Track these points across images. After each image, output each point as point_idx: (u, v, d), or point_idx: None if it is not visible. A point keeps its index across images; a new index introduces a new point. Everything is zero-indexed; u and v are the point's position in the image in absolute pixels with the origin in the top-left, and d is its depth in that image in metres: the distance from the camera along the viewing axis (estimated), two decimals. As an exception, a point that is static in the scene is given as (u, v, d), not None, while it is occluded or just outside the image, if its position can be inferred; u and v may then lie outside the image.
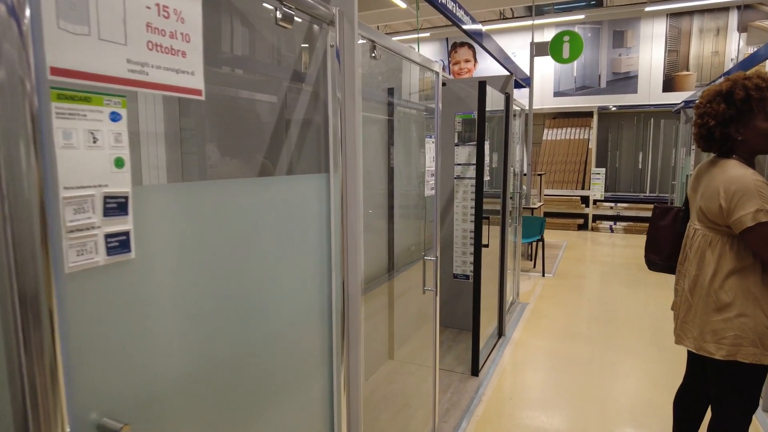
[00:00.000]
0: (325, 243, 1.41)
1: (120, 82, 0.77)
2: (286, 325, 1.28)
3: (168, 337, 0.92)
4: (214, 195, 1.04)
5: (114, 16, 0.75)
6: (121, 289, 0.81)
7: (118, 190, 0.78)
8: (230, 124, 1.56)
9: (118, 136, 0.77)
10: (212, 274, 1.03)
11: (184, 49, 0.88)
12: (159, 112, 1.30)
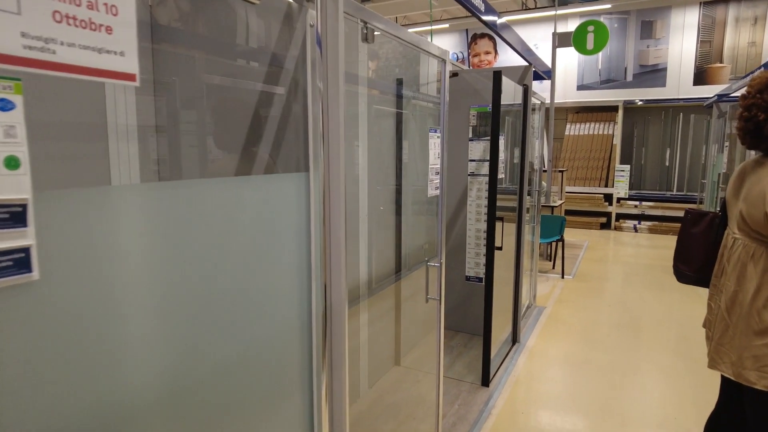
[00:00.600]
0: (305, 247, 1.25)
1: (10, 62, 0.61)
2: (261, 336, 1.13)
3: (111, 354, 0.77)
4: (180, 196, 0.89)
5: (-1, -23, 0.59)
6: (20, 317, 0.66)
7: (10, 198, 0.63)
8: (198, 116, 1.40)
9: (8, 129, 0.62)
10: (179, 280, 0.89)
11: (109, 24, 0.72)
12: (130, 102, 1.15)
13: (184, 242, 0.92)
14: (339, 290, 1.28)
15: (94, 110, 1.13)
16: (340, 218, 1.25)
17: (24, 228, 0.65)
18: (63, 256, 0.71)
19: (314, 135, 1.20)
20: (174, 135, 1.34)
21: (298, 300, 1.25)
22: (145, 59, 1.31)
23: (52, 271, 0.69)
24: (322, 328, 1.28)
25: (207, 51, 1.42)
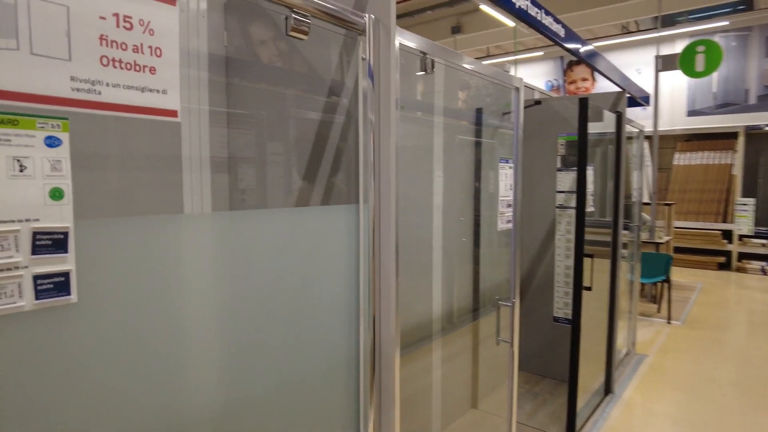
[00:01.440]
0: (354, 279, 1.23)
1: (60, 103, 0.67)
2: (309, 365, 1.12)
3: (123, 379, 0.80)
4: (244, 225, 0.93)
5: (52, 28, 0.66)
6: (58, 337, 0.70)
7: (53, 226, 0.68)
8: (262, 148, 1.46)
9: (56, 163, 0.68)
10: (236, 305, 0.92)
11: (153, 64, 0.77)
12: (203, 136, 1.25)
13: (244, 269, 0.96)
14: (389, 325, 1.23)
15: (171, 144, 1.22)
16: (390, 251, 1.21)
17: (65, 254, 0.70)
18: (137, 278, 0.75)
19: (365, 167, 1.19)
20: (242, 166, 1.41)
21: (347, 332, 1.22)
22: (219, 93, 1.41)
23: (121, 291, 0.74)
24: (370, 363, 1.24)
25: (270, 84, 1.49)
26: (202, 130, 1.33)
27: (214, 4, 1.42)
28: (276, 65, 1.50)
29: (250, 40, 1.50)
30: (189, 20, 1.36)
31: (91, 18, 0.70)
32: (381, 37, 1.15)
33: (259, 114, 1.46)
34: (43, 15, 0.65)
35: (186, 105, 1.32)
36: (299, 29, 1.00)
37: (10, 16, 0.62)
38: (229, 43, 1.45)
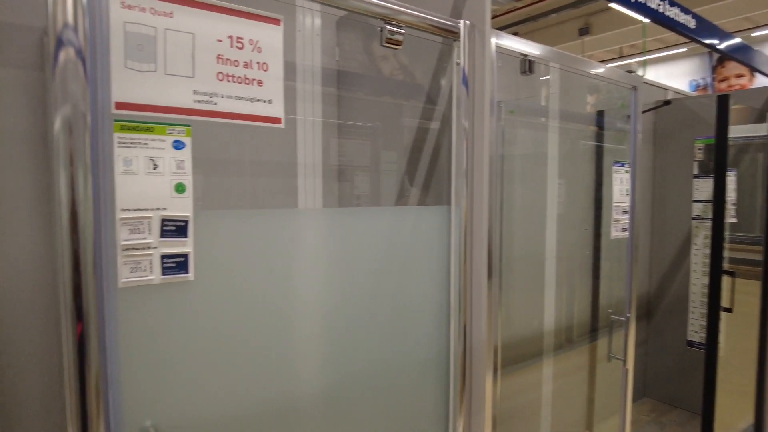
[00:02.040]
0: (444, 283, 1.25)
1: (185, 113, 0.81)
2: (398, 360, 1.17)
3: (233, 358, 0.92)
4: (348, 220, 1.04)
5: (181, 52, 0.80)
6: (177, 308, 0.84)
7: (177, 214, 0.82)
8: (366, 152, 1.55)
9: (180, 162, 0.82)
10: (333, 293, 1.04)
11: (260, 78, 0.89)
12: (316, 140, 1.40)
13: (345, 259, 1.07)
14: (480, 333, 1.23)
15: (289, 151, 1.38)
16: (482, 256, 1.22)
17: (185, 238, 0.83)
18: (258, 261, 0.89)
19: (457, 171, 1.21)
20: (348, 169, 1.53)
21: (437, 335, 1.25)
22: (331, 105, 1.55)
23: (246, 273, 0.87)
24: (460, 370, 1.25)
25: (374, 93, 1.59)
26: (315, 138, 1.46)
27: (327, 23, 1.56)
28: (379, 75, 1.59)
29: (358, 54, 1.61)
30: (305, 39, 1.51)
31: (210, 41, 0.83)
32: (476, 42, 1.18)
33: (363, 121, 1.56)
34: (174, 42, 0.80)
35: (302, 117, 1.47)
36: (393, 40, 1.07)
37: (151, 45, 0.78)
38: (341, 57, 1.58)
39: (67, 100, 0.70)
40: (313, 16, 1.51)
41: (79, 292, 0.72)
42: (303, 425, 1.04)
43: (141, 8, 0.77)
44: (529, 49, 1.34)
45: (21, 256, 1.00)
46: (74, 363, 0.73)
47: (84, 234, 0.72)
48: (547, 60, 1.41)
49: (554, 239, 2.39)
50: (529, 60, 1.36)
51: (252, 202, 1.35)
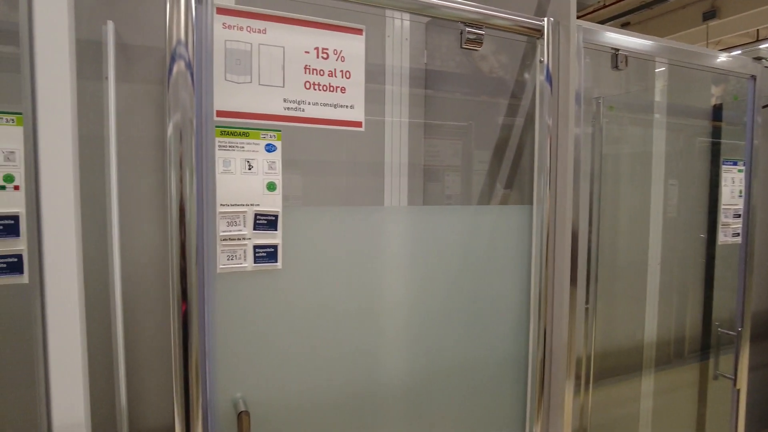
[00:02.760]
0: (525, 285, 1.24)
1: (276, 119, 0.91)
2: (475, 357, 1.19)
3: (316, 343, 1.00)
4: (431, 218, 1.09)
5: (273, 64, 0.90)
6: (266, 293, 0.94)
7: (268, 209, 0.92)
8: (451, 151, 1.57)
9: (272, 164, 0.91)
10: (414, 286, 1.09)
11: (343, 85, 0.96)
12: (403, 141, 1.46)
13: (427, 255, 1.11)
14: (560, 339, 1.20)
15: (376, 151, 1.45)
16: (566, 259, 1.18)
17: (275, 231, 0.93)
18: (340, 254, 0.98)
19: (540, 170, 1.19)
20: (433, 168, 1.57)
21: (516, 336, 1.24)
22: (418, 106, 1.59)
23: (329, 264, 0.96)
24: (539, 375, 1.23)
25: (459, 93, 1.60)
26: (402, 138, 1.52)
27: (416, 27, 1.60)
28: (464, 75, 1.60)
29: (444, 54, 1.64)
30: (394, 43, 1.57)
31: (298, 53, 0.92)
32: (560, 38, 1.15)
33: (448, 120, 1.58)
34: (267, 56, 0.89)
35: (389, 118, 1.53)
36: (474, 41, 1.08)
37: (247, 59, 0.88)
38: (428, 59, 1.62)
39: (177, 108, 0.82)
40: (402, 21, 1.57)
41: (185, 276, 0.84)
42: (379, 415, 1.09)
43: (239, 27, 0.87)
44: (622, 42, 1.27)
45: (144, 245, 1.17)
46: (179, 337, 0.85)
47: (189, 226, 0.84)
48: (646, 52, 1.33)
49: (658, 245, 2.21)
50: (622, 54, 1.29)
51: (339, 199, 1.44)
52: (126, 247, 1.15)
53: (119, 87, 1.19)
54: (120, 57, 1.20)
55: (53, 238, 0.76)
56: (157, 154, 1.22)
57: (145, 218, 1.19)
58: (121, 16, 1.20)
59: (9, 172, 0.76)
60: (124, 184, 1.16)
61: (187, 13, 0.81)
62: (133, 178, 1.17)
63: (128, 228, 1.16)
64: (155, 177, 1.20)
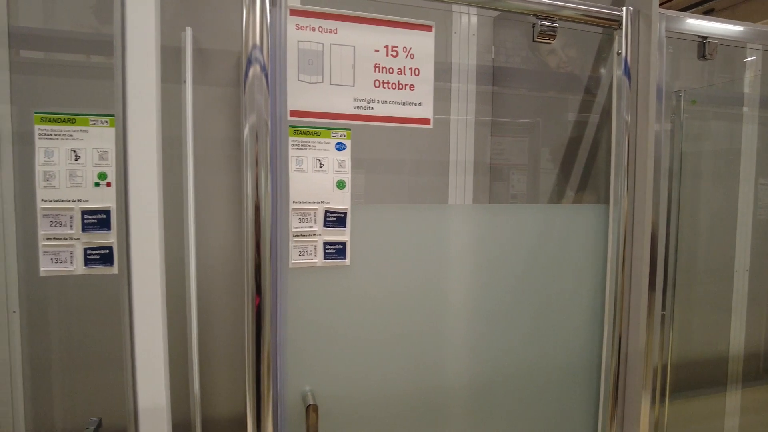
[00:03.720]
0: (599, 289, 1.18)
1: (346, 118, 0.92)
2: (536, 372, 1.15)
3: (383, 340, 1.01)
4: (498, 217, 1.08)
5: (344, 64, 0.91)
6: (334, 289, 0.95)
7: (337, 207, 0.93)
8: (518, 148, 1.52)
9: (341, 162, 0.92)
10: (481, 287, 1.08)
11: (412, 83, 0.96)
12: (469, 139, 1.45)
13: (494, 255, 1.09)
14: (636, 347, 1.14)
15: (442, 150, 1.44)
16: (644, 263, 1.12)
17: (344, 228, 0.94)
18: (406, 252, 0.98)
19: (617, 168, 1.13)
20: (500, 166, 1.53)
21: (588, 343, 1.19)
22: (485, 103, 1.56)
23: (396, 261, 0.97)
24: (612, 384, 1.17)
25: (528, 89, 1.55)
26: (468, 136, 1.50)
27: (483, 22, 1.57)
28: (534, 70, 1.55)
29: (513, 50, 1.60)
30: (461, 40, 1.55)
31: (368, 52, 0.92)
32: (640, 29, 1.08)
33: (517, 118, 1.54)
34: (339, 55, 0.90)
35: (455, 117, 1.52)
36: (547, 34, 1.05)
37: (318, 60, 0.89)
38: (496, 55, 1.59)
39: (253, 110, 0.85)
40: (470, 17, 1.54)
41: (259, 272, 0.87)
42: (442, 416, 1.08)
43: (311, 28, 0.88)
44: (711, 29, 1.18)
45: (217, 241, 1.22)
46: (252, 330, 0.88)
47: (264, 223, 0.86)
48: (739, 39, 1.23)
49: (746, 249, 2.04)
50: (712, 43, 1.19)
51: (403, 197, 1.43)
52: (201, 242, 1.21)
53: (196, 90, 1.25)
54: (197, 61, 1.26)
55: (139, 232, 0.81)
56: (231, 154, 1.27)
57: (219, 215, 1.25)
58: (198, 22, 1.26)
59: (103, 170, 0.82)
60: (199, 183, 1.22)
61: (262, 17, 0.84)
62: (208, 177, 1.23)
63: (203, 224, 1.22)
64: (229, 176, 1.25)
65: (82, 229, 0.81)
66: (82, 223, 0.81)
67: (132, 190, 0.79)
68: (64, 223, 0.80)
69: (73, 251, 0.81)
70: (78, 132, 0.81)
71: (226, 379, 1.27)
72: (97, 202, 0.82)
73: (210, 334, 1.24)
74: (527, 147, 1.54)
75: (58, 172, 0.80)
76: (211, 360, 1.25)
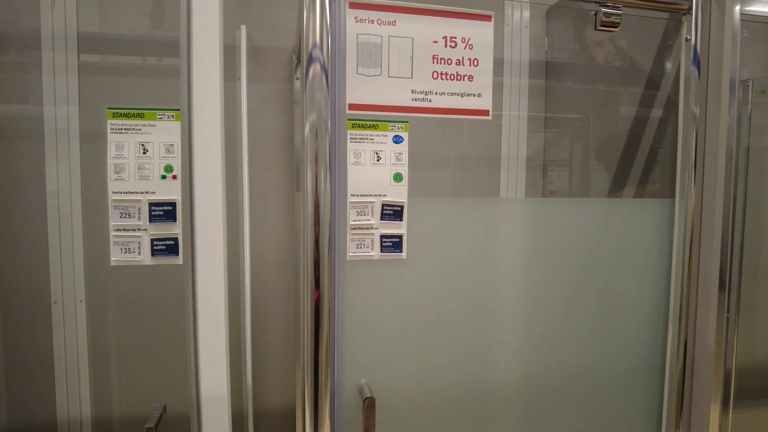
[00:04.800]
0: (662, 288, 1.12)
1: (404, 110, 0.91)
2: (595, 373, 1.11)
3: (438, 335, 1.00)
4: (553, 211, 1.05)
5: (402, 56, 0.90)
6: (391, 283, 0.95)
7: (394, 200, 0.92)
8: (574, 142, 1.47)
9: (399, 155, 0.92)
10: (537, 283, 1.06)
11: (471, 74, 0.94)
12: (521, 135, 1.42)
13: (549, 250, 1.06)
14: (704, 352, 1.08)
15: (494, 143, 1.42)
16: (714, 261, 1.06)
17: (401, 221, 0.93)
18: (462, 246, 0.97)
19: (683, 162, 1.08)
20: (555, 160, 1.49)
21: (649, 345, 1.13)
22: (538, 97, 1.53)
23: (451, 256, 0.96)
24: (676, 391, 1.11)
25: (586, 82, 1.50)
26: (520, 131, 1.46)
27: (536, 14, 1.53)
28: (592, 62, 1.50)
29: (568, 42, 1.55)
30: (513, 32, 1.51)
31: (427, 43, 0.91)
32: (712, 12, 1.02)
33: (573, 110, 1.49)
34: (397, 47, 0.89)
35: (507, 112, 1.49)
36: (609, 22, 1.00)
37: (377, 52, 0.89)
38: (549, 47, 1.54)
39: (313, 108, 0.85)
40: (522, 9, 1.51)
41: (318, 265, 0.87)
42: (496, 414, 1.06)
43: (370, 20, 0.88)
44: (790, 14, 1.10)
45: (270, 234, 1.24)
46: (311, 322, 0.89)
47: (323, 218, 0.87)
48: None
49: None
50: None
51: (455, 191, 1.42)
52: (255, 235, 1.23)
53: (249, 86, 1.27)
54: (250, 58, 1.29)
55: (204, 223, 0.83)
56: (283, 149, 1.29)
57: (272, 209, 1.26)
58: (252, 20, 1.29)
59: (169, 162, 0.84)
60: (253, 177, 1.25)
61: (322, 15, 0.84)
62: (261, 171, 1.25)
63: (257, 218, 1.24)
64: (280, 171, 1.27)
65: (149, 220, 0.84)
66: (150, 214, 0.83)
67: (197, 182, 0.81)
68: (132, 215, 0.83)
69: (141, 242, 0.84)
70: (146, 126, 0.84)
71: (275, 371, 1.29)
72: (164, 194, 0.84)
73: (260, 327, 1.26)
74: (581, 141, 1.50)
75: (127, 165, 0.83)
76: (262, 352, 1.27)
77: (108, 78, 1.20)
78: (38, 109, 1.16)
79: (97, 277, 1.21)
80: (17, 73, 1.14)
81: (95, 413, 1.22)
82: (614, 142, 1.41)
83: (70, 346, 1.20)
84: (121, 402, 1.22)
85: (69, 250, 1.19)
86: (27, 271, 1.17)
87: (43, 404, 1.20)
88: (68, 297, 1.20)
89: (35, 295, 1.18)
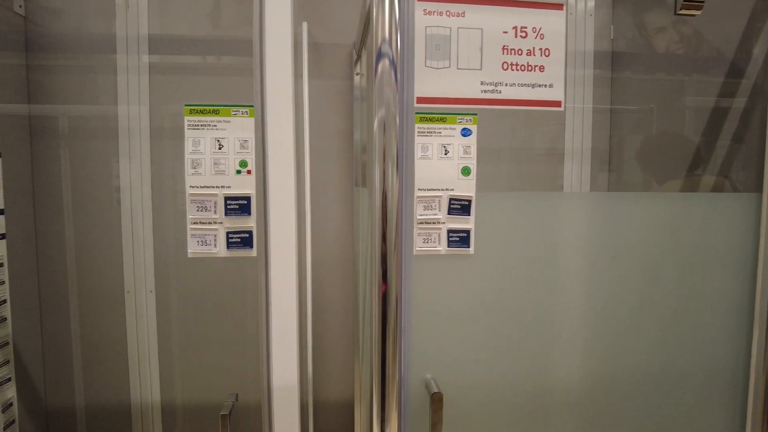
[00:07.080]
0: (746, 286, 1.06)
1: (472, 103, 0.89)
2: (664, 375, 1.06)
3: (505, 332, 0.98)
4: (621, 206, 1.02)
5: (471, 47, 0.88)
6: (457, 278, 0.94)
7: (462, 194, 0.91)
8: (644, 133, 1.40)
9: (467, 148, 0.90)
10: (605, 281, 1.02)
11: (542, 64, 0.91)
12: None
13: (617, 246, 1.02)
14: (795, 347, 1.00)
15: (558, 138, 1.38)
16: (805, 255, 0.98)
17: (468, 216, 0.92)
18: (528, 241, 0.95)
19: (772, 151, 1.01)
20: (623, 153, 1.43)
21: (731, 348, 1.07)
22: (604, 88, 1.47)
23: (517, 252, 0.94)
24: (762, 398, 1.04)
25: (656, 71, 1.43)
26: (585, 124, 1.41)
27: (601, 2, 1.47)
28: (663, 51, 1.43)
29: (637, 31, 1.48)
30: (576, 21, 1.46)
31: (496, 34, 0.89)
32: (809, -8, 0.95)
33: (642, 102, 1.43)
34: (466, 39, 0.88)
35: (571, 105, 1.44)
36: (692, 4, 0.95)
37: (446, 44, 0.88)
38: (616, 37, 1.48)
39: (382, 104, 0.85)
40: (586, -3, 1.45)
41: (385, 259, 0.87)
42: (562, 412, 1.03)
43: (439, 12, 0.87)
44: None
45: (330, 227, 1.26)
46: (379, 316, 0.89)
47: (390, 213, 0.86)
48: None
49: None
50: None
51: (518, 185, 1.38)
52: (315, 230, 1.25)
53: (311, 83, 1.29)
54: (311, 55, 1.30)
55: (277, 217, 0.85)
56: (342, 144, 1.30)
57: (331, 203, 1.28)
58: (313, 17, 1.30)
59: (244, 158, 0.86)
60: (313, 172, 1.26)
61: (391, 10, 0.84)
62: (321, 166, 1.27)
63: (317, 212, 1.26)
64: (340, 165, 1.28)
65: (225, 214, 0.86)
66: (225, 208, 0.86)
67: (271, 177, 0.83)
68: (209, 208, 0.86)
69: (217, 234, 0.87)
70: (221, 122, 0.86)
71: (333, 364, 1.30)
72: (239, 188, 0.87)
73: (319, 320, 1.28)
74: (651, 134, 1.43)
75: (203, 160, 0.86)
76: (321, 345, 1.29)
77: (173, 77, 1.24)
78: (113, 109, 1.22)
79: (167, 268, 1.26)
80: (89, 75, 1.21)
81: (164, 398, 1.28)
82: (689, 134, 1.33)
83: (142, 334, 1.27)
84: (191, 389, 1.27)
85: (140, 243, 1.25)
86: (102, 262, 1.24)
87: (118, 387, 1.27)
88: (139, 287, 1.26)
89: (110, 285, 1.25)
